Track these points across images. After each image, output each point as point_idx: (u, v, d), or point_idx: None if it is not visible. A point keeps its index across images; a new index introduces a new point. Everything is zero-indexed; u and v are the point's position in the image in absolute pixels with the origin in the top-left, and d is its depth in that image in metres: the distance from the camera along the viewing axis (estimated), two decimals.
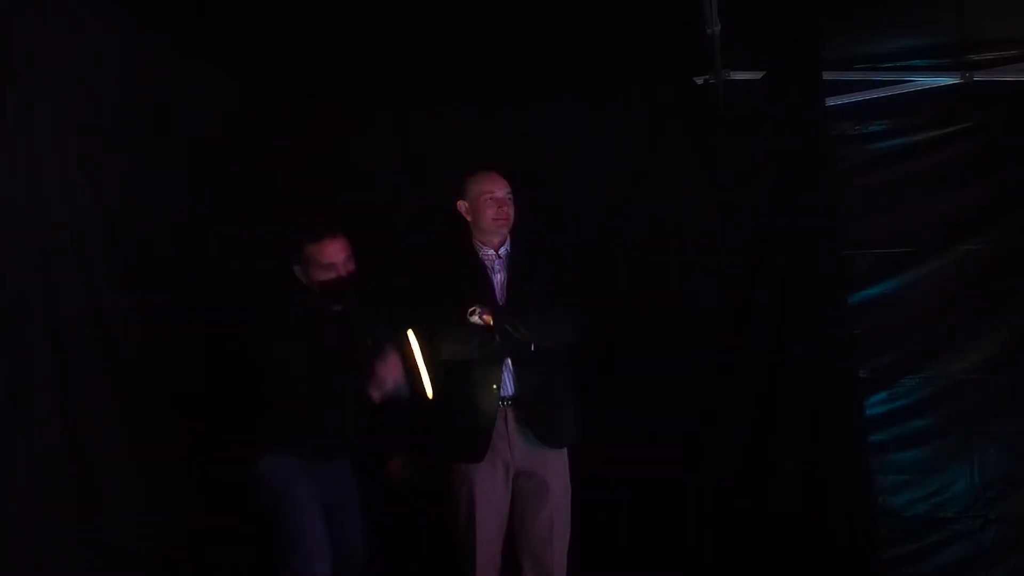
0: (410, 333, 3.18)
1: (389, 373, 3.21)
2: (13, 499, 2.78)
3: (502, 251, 3.35)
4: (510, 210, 3.32)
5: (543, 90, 4.12)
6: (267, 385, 3.32)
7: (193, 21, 3.47)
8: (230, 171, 3.87)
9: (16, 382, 2.81)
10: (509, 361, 3.21)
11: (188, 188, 3.67)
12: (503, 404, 3.20)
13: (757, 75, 4.14)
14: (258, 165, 4.03)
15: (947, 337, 4.10)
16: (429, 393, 3.19)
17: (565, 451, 3.30)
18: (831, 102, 4.11)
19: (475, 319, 3.15)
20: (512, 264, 3.33)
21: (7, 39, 2.84)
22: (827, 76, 4.05)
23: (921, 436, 4.10)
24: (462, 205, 3.35)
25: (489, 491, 3.19)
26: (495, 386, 3.19)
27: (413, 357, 3.18)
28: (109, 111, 3.25)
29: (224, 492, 3.53)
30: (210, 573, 3.53)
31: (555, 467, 3.26)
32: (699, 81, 4.15)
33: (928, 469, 4.08)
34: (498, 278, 3.31)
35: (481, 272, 3.31)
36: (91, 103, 3.17)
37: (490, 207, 3.29)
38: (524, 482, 3.24)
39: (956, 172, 4.10)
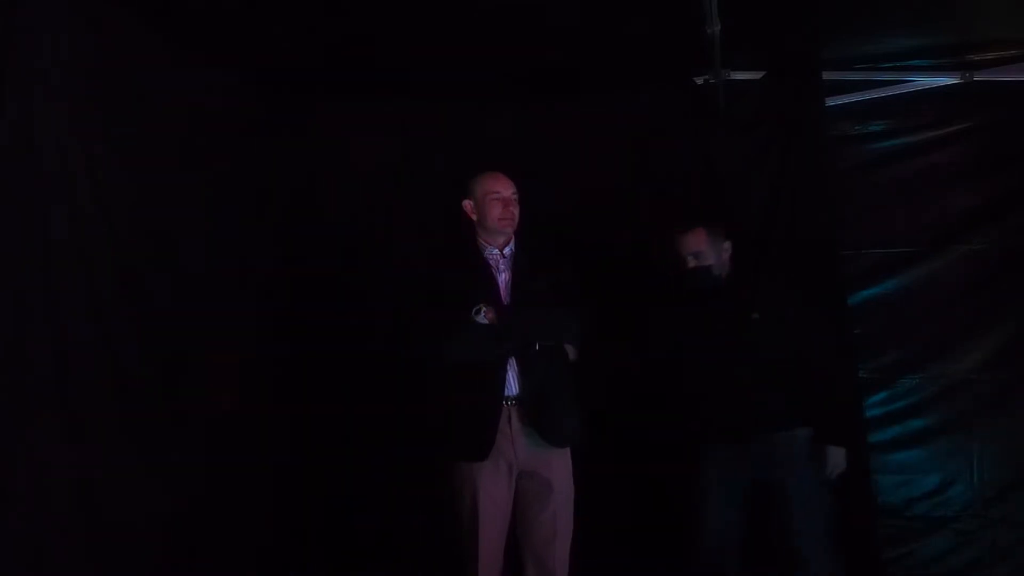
0: None
1: None
2: (13, 499, 2.77)
3: (506, 251, 3.35)
4: (516, 210, 3.32)
5: (543, 90, 4.12)
6: None
7: (193, 20, 3.46)
8: (230, 171, 3.86)
9: (16, 382, 2.80)
10: (513, 360, 3.21)
11: (188, 188, 3.66)
12: (507, 404, 3.20)
13: (757, 75, 4.14)
14: (258, 165, 4.02)
15: (947, 337, 4.10)
16: None
17: (568, 451, 3.30)
18: (831, 102, 4.12)
19: (480, 318, 3.15)
20: (516, 264, 3.33)
21: (7, 39, 2.83)
22: (827, 76, 4.05)
23: (921, 436, 4.11)
24: (467, 204, 3.35)
25: (492, 490, 3.18)
26: (499, 386, 3.19)
27: None
28: (109, 111, 3.24)
29: (227, 491, 3.53)
30: (210, 572, 3.52)
31: (558, 467, 3.25)
32: (699, 81, 4.16)
33: (928, 469, 4.09)
34: (502, 277, 3.31)
35: (485, 271, 3.30)
36: (91, 103, 3.16)
37: (496, 207, 3.29)
38: (527, 482, 3.23)
39: (956, 172, 4.11)
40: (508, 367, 3.20)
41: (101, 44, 3.22)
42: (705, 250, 3.62)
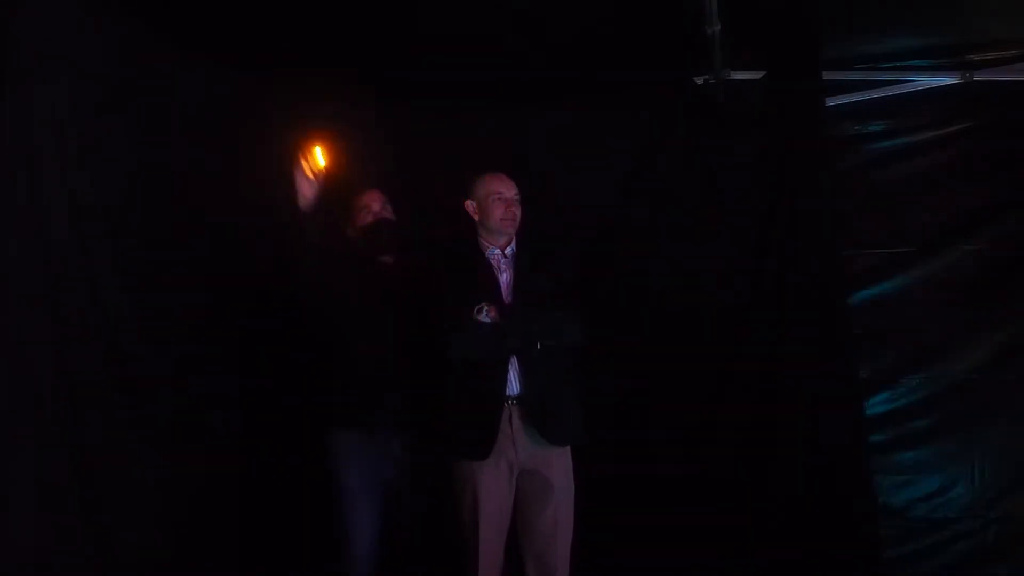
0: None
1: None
2: (14, 499, 2.77)
3: (508, 251, 3.35)
4: (518, 211, 3.33)
5: (543, 90, 4.12)
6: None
7: (193, 20, 3.47)
8: (230, 170, 3.86)
9: (18, 382, 2.80)
10: (515, 360, 3.21)
11: (188, 187, 3.66)
12: (508, 403, 3.20)
13: (757, 75, 4.14)
14: (258, 164, 4.02)
15: (947, 337, 4.10)
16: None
17: (568, 450, 3.30)
18: (831, 102, 4.12)
19: (482, 317, 3.16)
20: (517, 264, 3.34)
21: (7, 39, 2.84)
22: (827, 76, 4.05)
23: (922, 436, 4.11)
24: (470, 204, 3.35)
25: (493, 489, 3.18)
26: (500, 385, 3.19)
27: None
28: (109, 110, 3.25)
29: (227, 490, 3.53)
30: (210, 572, 3.52)
31: (558, 466, 3.25)
32: (699, 81, 4.16)
33: (929, 469, 4.09)
34: (504, 277, 3.31)
35: (487, 271, 3.31)
36: (91, 102, 3.16)
37: (498, 207, 3.30)
38: (528, 481, 3.23)
39: (956, 172, 4.12)
40: (510, 366, 3.20)
41: (101, 43, 3.23)
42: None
